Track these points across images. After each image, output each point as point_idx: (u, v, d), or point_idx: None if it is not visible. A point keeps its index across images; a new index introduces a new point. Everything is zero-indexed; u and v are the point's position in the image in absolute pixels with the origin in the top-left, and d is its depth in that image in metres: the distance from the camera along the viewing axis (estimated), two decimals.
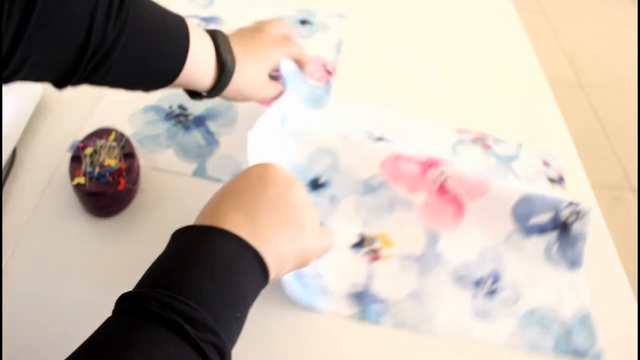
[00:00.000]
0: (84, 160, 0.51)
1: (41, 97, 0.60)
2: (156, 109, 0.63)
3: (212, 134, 0.61)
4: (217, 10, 0.80)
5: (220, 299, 0.33)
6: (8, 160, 0.54)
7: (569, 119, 0.72)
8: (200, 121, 0.62)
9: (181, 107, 0.64)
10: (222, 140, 0.61)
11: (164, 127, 0.61)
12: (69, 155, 0.53)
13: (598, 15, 2.55)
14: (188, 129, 0.61)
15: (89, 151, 0.52)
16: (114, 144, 0.53)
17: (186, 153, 0.59)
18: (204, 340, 0.30)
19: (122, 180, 0.50)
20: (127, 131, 0.58)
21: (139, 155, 0.55)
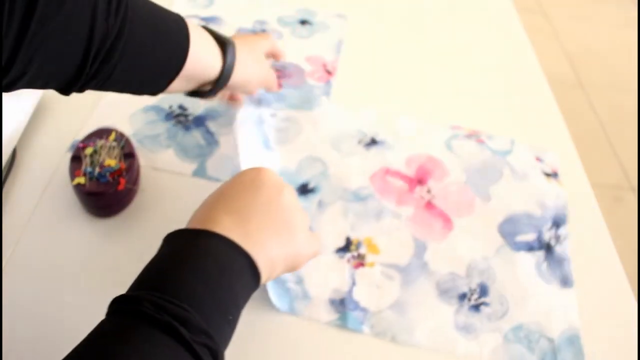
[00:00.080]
0: (84, 160, 0.51)
1: (41, 97, 0.60)
2: (156, 109, 0.63)
3: (212, 134, 0.61)
4: (217, 10, 0.80)
5: (213, 301, 0.33)
6: (8, 160, 0.54)
7: (569, 119, 0.72)
8: (200, 121, 0.62)
9: (181, 107, 0.64)
10: (222, 140, 0.61)
11: (164, 127, 0.61)
12: (69, 155, 0.53)
13: (598, 15, 2.54)
14: (188, 129, 0.61)
15: (89, 151, 0.52)
16: (114, 144, 0.53)
17: (186, 153, 0.59)
18: (197, 342, 0.30)
19: (122, 180, 0.50)
20: (127, 131, 0.58)
21: (139, 155, 0.55)
